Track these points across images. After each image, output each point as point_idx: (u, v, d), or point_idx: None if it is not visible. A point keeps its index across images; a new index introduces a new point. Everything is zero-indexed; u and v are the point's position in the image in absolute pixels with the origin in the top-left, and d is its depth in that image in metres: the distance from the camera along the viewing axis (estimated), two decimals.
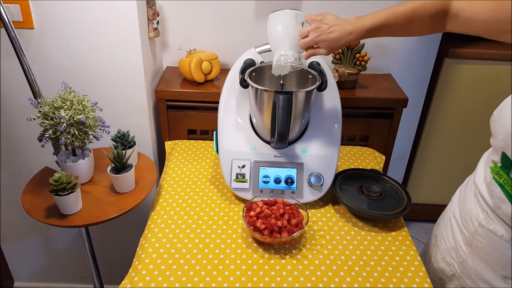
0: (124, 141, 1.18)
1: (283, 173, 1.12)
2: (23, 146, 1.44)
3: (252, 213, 1.02)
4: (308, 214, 1.04)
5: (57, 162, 1.13)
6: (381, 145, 1.49)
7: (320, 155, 1.13)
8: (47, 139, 1.06)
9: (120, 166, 1.10)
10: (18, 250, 1.71)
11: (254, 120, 1.14)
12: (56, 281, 1.81)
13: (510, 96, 0.78)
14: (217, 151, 1.16)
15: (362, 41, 1.40)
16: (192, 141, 1.43)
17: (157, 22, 1.35)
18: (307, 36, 0.95)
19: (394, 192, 1.15)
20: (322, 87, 1.07)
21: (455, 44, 1.70)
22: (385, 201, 1.12)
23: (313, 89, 1.05)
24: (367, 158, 1.37)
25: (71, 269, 1.76)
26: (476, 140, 1.89)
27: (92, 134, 1.09)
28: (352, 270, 0.95)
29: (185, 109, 1.42)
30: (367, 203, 1.10)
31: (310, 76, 1.12)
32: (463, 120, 1.84)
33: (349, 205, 1.08)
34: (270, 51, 1.16)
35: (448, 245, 0.96)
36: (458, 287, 0.93)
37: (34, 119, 1.05)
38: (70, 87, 1.09)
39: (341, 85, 1.41)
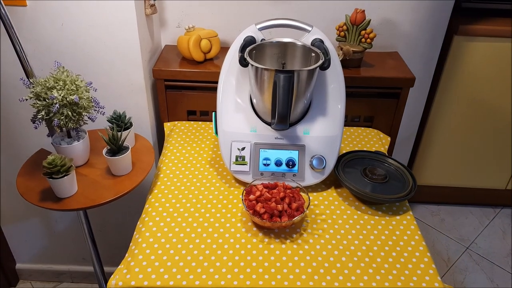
0: (120, 122, 1.15)
1: (284, 155, 1.08)
2: (20, 128, 1.41)
3: (251, 196, 0.99)
4: (309, 198, 1.01)
5: (52, 144, 1.11)
6: (386, 126, 1.45)
7: (323, 137, 1.09)
8: (40, 120, 1.03)
9: (116, 148, 1.07)
10: (19, 232, 1.71)
11: (254, 101, 1.10)
12: (58, 263, 1.81)
13: None
14: (216, 132, 1.12)
15: (368, 17, 1.34)
16: (192, 122, 1.39)
17: None
18: None
19: (399, 175, 1.12)
20: (325, 65, 1.02)
21: (465, 20, 1.64)
22: (390, 184, 1.08)
23: (316, 68, 1.01)
24: (372, 140, 1.33)
25: (72, 250, 1.76)
26: (486, 121, 1.84)
27: (87, 115, 1.06)
28: (354, 255, 0.93)
29: (184, 89, 1.38)
30: (371, 186, 1.07)
31: (313, 55, 1.07)
32: (472, 100, 1.79)
33: (352, 188, 1.05)
34: (272, 27, 1.12)
35: None
36: None
37: (27, 99, 1.02)
38: (63, 67, 1.05)
39: (345, 63, 1.36)
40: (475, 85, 1.75)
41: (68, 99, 1.00)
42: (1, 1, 1.01)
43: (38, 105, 1.00)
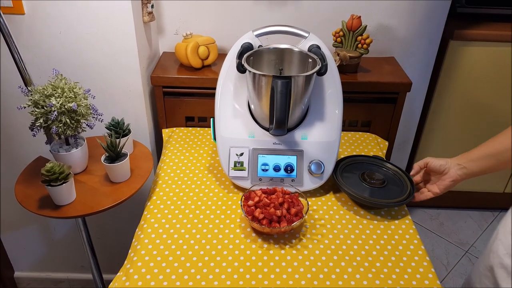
0: (118, 129, 1.15)
1: (282, 160, 1.09)
2: (19, 135, 1.41)
3: (250, 202, 0.99)
4: (308, 203, 1.01)
5: (51, 151, 1.11)
6: (384, 131, 1.45)
7: (321, 142, 1.10)
8: (39, 128, 1.03)
9: (114, 155, 1.07)
10: (17, 240, 1.70)
11: (252, 106, 1.10)
12: (56, 271, 1.80)
13: None
14: (215, 138, 1.12)
15: (364, 23, 1.35)
16: (190, 128, 1.39)
17: (152, 6, 1.30)
18: None
19: (398, 179, 1.12)
20: (322, 71, 1.03)
21: (461, 25, 1.65)
22: (388, 189, 1.08)
23: (313, 74, 1.01)
24: (370, 144, 1.34)
25: (71, 258, 1.75)
26: (483, 125, 1.85)
27: (85, 123, 1.06)
28: (354, 260, 0.92)
29: (182, 95, 1.39)
30: (369, 191, 1.07)
31: (310, 60, 1.08)
32: (468, 104, 1.80)
33: (350, 193, 1.05)
34: (269, 34, 1.12)
35: None
36: None
37: (25, 107, 1.02)
38: (61, 74, 1.06)
39: (342, 69, 1.37)
40: (472, 89, 1.76)
41: (66, 107, 1.00)
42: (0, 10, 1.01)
43: (36, 112, 1.01)
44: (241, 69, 1.04)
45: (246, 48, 1.08)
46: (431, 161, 1.02)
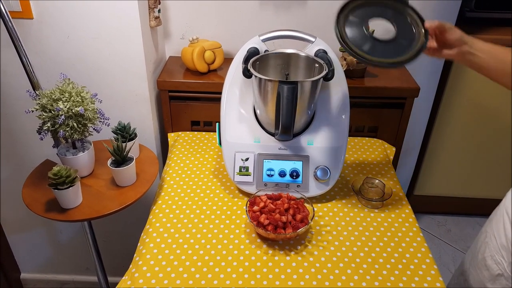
0: (124, 133, 1.15)
1: (288, 166, 1.08)
2: (25, 139, 1.42)
3: (255, 207, 0.99)
4: (314, 209, 1.00)
5: (58, 155, 1.11)
6: (391, 136, 1.44)
7: (327, 148, 1.09)
8: (46, 131, 1.03)
9: (121, 159, 1.07)
10: (24, 242, 1.71)
11: (258, 111, 1.10)
12: (62, 273, 1.81)
13: None
14: (220, 143, 1.12)
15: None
16: (196, 132, 1.39)
17: (159, 11, 1.31)
18: None
19: (411, 31, 0.95)
20: (328, 76, 1.03)
21: (470, 30, 1.62)
22: (396, 43, 0.94)
23: (319, 79, 1.01)
24: (377, 150, 1.33)
25: (76, 261, 1.76)
26: (491, 131, 1.83)
27: (92, 127, 1.07)
28: (360, 267, 0.92)
29: (188, 100, 1.39)
30: (371, 45, 0.92)
31: (316, 65, 1.07)
32: (477, 110, 1.78)
33: (346, 47, 0.89)
34: (275, 39, 1.12)
35: (499, 243, 0.90)
36: (505, 287, 0.88)
37: (32, 111, 1.03)
38: (69, 79, 1.06)
39: (349, 74, 1.36)
40: (480, 95, 1.74)
41: (73, 111, 1.01)
42: (8, 14, 1.02)
43: (44, 116, 1.01)
44: (247, 74, 1.04)
45: (252, 53, 1.08)
46: (452, 30, 0.94)
